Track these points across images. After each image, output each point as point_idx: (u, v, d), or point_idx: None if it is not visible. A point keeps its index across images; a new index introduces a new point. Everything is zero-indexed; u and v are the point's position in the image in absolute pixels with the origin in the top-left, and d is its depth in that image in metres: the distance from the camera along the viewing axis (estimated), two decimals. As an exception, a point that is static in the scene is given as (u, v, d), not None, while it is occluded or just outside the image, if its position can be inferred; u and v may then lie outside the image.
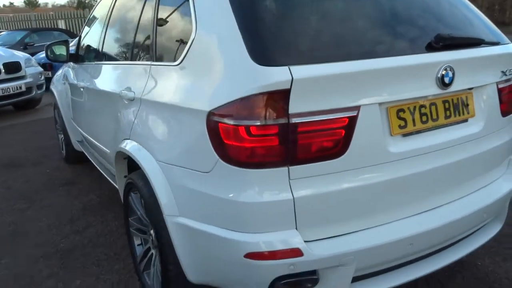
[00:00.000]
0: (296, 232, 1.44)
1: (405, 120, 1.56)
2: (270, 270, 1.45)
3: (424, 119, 1.61)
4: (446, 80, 1.58)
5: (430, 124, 1.62)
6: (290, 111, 1.37)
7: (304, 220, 1.45)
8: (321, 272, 1.49)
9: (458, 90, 1.66)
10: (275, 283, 1.47)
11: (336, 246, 1.48)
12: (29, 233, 2.93)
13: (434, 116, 1.63)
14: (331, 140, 1.43)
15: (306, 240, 1.45)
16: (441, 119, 1.65)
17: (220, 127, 1.44)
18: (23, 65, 6.78)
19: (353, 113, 1.44)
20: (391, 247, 1.54)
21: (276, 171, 1.41)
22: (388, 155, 1.53)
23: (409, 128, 1.58)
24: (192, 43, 1.65)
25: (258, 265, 1.44)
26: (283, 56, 1.40)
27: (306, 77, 1.36)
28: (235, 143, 1.41)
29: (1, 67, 6.50)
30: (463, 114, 1.71)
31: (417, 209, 1.63)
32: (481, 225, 1.88)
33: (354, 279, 1.55)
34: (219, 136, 1.45)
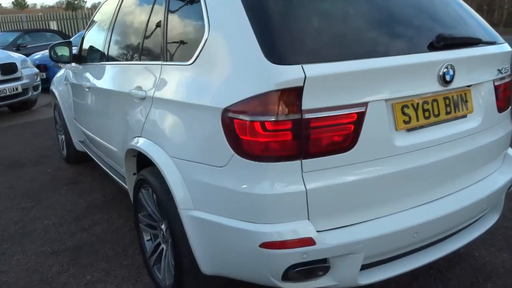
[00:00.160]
0: (309, 222, 1.52)
1: (409, 116, 1.65)
2: (284, 259, 1.52)
3: (427, 115, 1.69)
4: (447, 78, 1.67)
5: (432, 120, 1.71)
6: (303, 107, 1.45)
7: (316, 211, 1.53)
8: (332, 261, 1.57)
9: (458, 87, 1.75)
10: (288, 272, 1.54)
11: (346, 235, 1.55)
12: (37, 231, 2.97)
13: (436, 112, 1.72)
14: (341, 135, 1.51)
15: (318, 230, 1.52)
16: (442, 115, 1.74)
17: (236, 123, 1.51)
18: (19, 66, 6.79)
19: (362, 109, 1.52)
20: (397, 236, 1.62)
21: (290, 164, 1.49)
22: (394, 149, 1.62)
23: (413, 123, 1.66)
24: (206, 43, 1.71)
25: (273, 254, 1.51)
26: (296, 55, 1.47)
27: (318, 75, 1.44)
28: (251, 138, 1.49)
29: (-2, 69, 6.50)
30: (463, 110, 1.81)
31: (421, 200, 1.72)
32: (480, 216, 1.98)
33: (363, 267, 1.63)
34: (235, 132, 1.52)
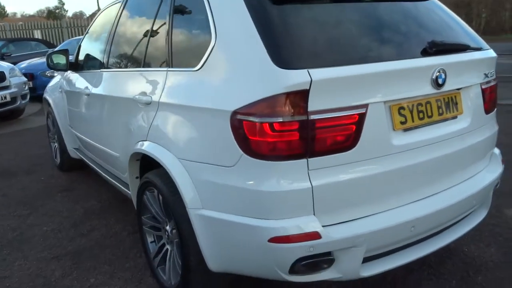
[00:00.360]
0: (314, 218, 1.61)
1: (405, 117, 1.76)
2: (292, 253, 1.61)
3: (421, 116, 1.81)
4: (440, 81, 1.80)
5: (426, 120, 1.83)
6: (309, 109, 1.55)
7: (321, 207, 1.62)
8: (336, 254, 1.66)
9: (449, 90, 1.88)
10: (296, 265, 1.63)
11: (349, 229, 1.65)
12: (35, 237, 2.98)
13: (429, 113, 1.84)
14: (344, 135, 1.62)
15: (323, 225, 1.62)
16: (435, 116, 1.86)
17: (245, 125, 1.60)
18: (7, 75, 6.75)
19: (363, 110, 1.63)
20: (396, 230, 1.73)
21: (296, 163, 1.58)
22: (392, 148, 1.73)
23: (409, 124, 1.78)
24: (213, 50, 1.80)
25: (281, 248, 1.60)
26: (302, 60, 1.58)
27: (323, 79, 1.55)
28: (259, 138, 1.58)
29: (-15, 78, 6.46)
30: (453, 112, 1.93)
31: (417, 196, 1.83)
32: (471, 211, 2.10)
33: (364, 260, 1.73)
34: (244, 133, 1.61)
